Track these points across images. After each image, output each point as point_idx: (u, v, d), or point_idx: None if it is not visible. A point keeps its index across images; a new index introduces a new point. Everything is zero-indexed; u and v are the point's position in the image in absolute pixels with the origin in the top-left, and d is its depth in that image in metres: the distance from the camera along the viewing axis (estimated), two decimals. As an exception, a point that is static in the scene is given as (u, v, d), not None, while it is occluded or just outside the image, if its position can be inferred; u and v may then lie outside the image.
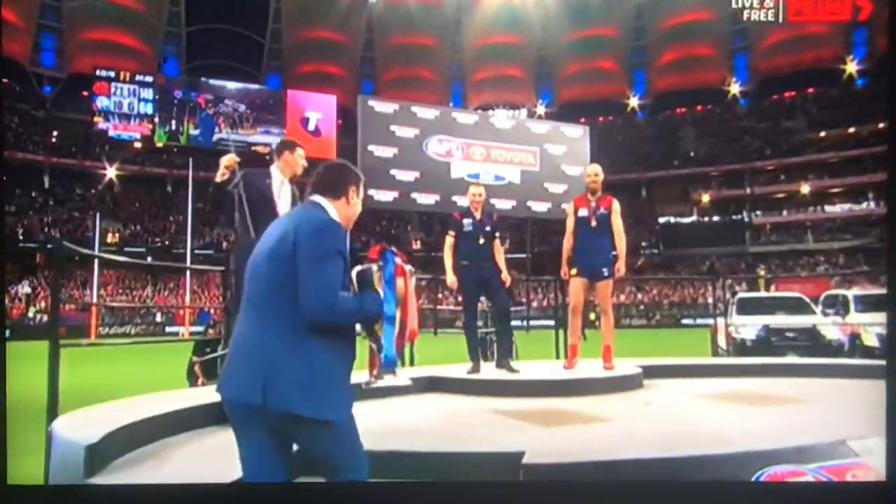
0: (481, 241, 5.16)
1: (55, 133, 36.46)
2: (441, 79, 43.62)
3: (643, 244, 38.27)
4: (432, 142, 8.25)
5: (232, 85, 37.71)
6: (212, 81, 38.00)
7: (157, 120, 38.62)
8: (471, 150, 8.45)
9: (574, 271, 5.32)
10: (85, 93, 36.87)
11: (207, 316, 31.48)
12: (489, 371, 5.11)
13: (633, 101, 44.23)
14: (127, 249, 33.79)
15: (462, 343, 5.26)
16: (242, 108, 37.52)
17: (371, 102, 7.97)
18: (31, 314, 28.02)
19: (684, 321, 29.65)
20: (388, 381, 2.10)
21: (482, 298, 5.54)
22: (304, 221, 1.91)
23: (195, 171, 32.09)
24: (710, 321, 9.80)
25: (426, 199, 8.09)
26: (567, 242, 5.41)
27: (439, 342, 8.13)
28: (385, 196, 8.00)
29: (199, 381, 6.92)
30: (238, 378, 1.84)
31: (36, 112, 36.65)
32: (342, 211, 2.04)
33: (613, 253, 5.27)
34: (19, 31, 35.71)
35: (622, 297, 32.50)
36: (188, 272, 31.09)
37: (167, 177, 38.62)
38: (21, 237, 31.36)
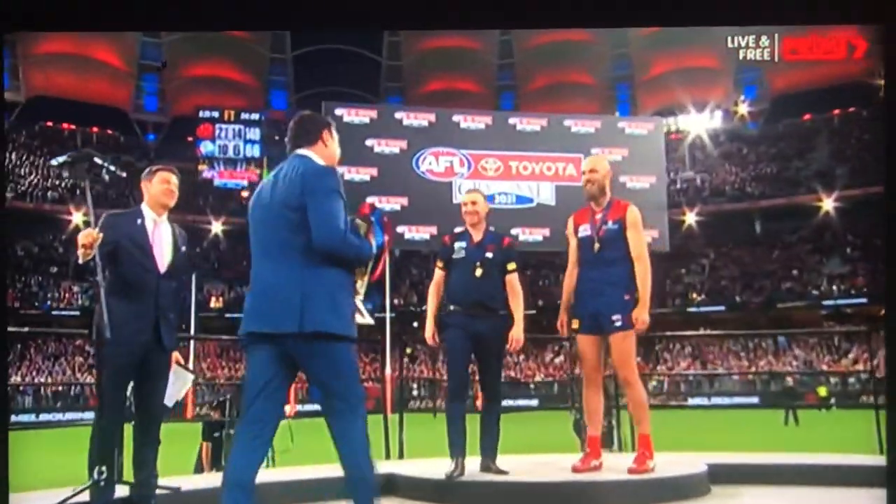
0: (479, 272, 4.55)
1: (158, 186, 41.59)
2: (602, 82, 42.91)
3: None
4: (426, 157, 7.86)
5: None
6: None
7: (265, 163, 42.59)
8: (482, 164, 7.93)
9: (575, 324, 4.53)
10: (189, 138, 41.79)
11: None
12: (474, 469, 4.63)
13: (887, 83, 39.65)
14: (228, 316, 36.96)
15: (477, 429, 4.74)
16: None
17: (338, 111, 7.83)
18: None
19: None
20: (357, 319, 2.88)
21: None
22: (301, 169, 2.74)
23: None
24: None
25: (417, 234, 7.66)
26: (568, 281, 4.64)
27: (438, 426, 7.63)
28: (360, 233, 7.68)
29: (204, 469, 7.63)
30: (270, 312, 2.68)
31: (139, 164, 42.18)
32: (323, 154, 2.86)
33: (628, 293, 4.36)
34: (121, 76, 41.65)
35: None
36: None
37: (277, 229, 42.10)
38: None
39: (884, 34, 3.22)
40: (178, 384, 4.10)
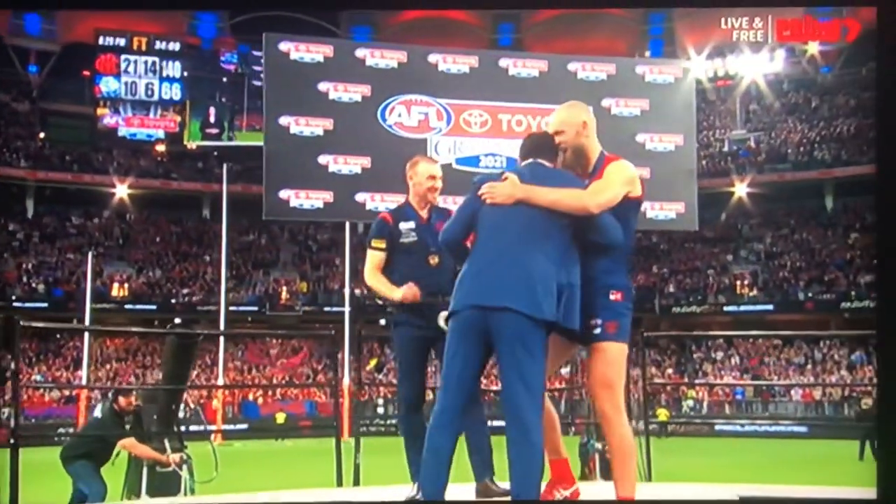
0: (435, 260, 4.98)
1: (42, 135, 41.44)
2: (633, 13, 43.10)
3: None
4: (394, 107, 8.20)
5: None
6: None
7: (188, 108, 42.57)
8: (464, 116, 8.26)
9: None
10: (85, 72, 41.60)
11: (254, 408, 33.65)
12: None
13: None
14: (137, 307, 37.18)
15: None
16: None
17: (283, 46, 8.14)
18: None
19: None
20: None
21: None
22: (569, 180, 4.10)
23: (234, 183, 34.78)
24: None
25: (382, 203, 8.01)
26: None
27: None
28: (309, 201, 8.05)
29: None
30: (531, 296, 3.83)
31: (18, 105, 41.98)
32: None
33: (616, 291, 4.27)
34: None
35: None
36: (221, 340, 33.21)
37: (203, 195, 42.16)
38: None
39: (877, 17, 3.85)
40: None
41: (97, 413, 8.78)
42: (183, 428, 8.84)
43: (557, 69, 8.35)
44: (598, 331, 4.16)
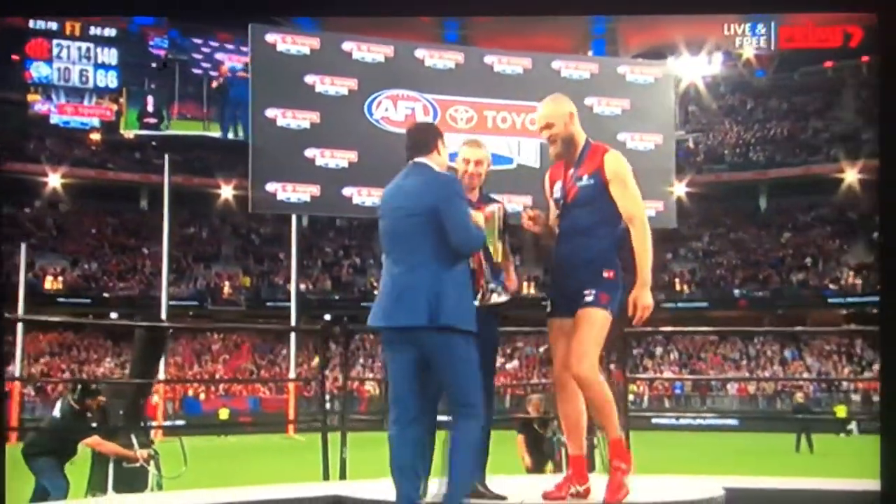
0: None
1: (-31, 122, 40.24)
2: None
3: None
4: (381, 101, 8.26)
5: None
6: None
7: (125, 96, 41.73)
8: (450, 112, 8.36)
9: (548, 306, 4.68)
10: (15, 56, 40.52)
11: (196, 404, 33.20)
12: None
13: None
14: (67, 301, 36.39)
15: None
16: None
17: (269, 37, 8.15)
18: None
19: None
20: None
21: None
22: (428, 181, 3.95)
23: (175, 174, 34.20)
24: None
25: (369, 198, 8.06)
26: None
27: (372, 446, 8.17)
28: (296, 195, 8.07)
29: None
30: (404, 308, 3.86)
31: (-58, 91, 40.65)
32: (438, 162, 4.07)
33: (610, 269, 4.39)
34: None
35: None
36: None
37: (141, 186, 41.42)
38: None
39: (877, 23, 3.91)
40: None
41: (56, 413, 8.57)
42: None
43: (541, 67, 8.50)
44: (590, 298, 4.29)
